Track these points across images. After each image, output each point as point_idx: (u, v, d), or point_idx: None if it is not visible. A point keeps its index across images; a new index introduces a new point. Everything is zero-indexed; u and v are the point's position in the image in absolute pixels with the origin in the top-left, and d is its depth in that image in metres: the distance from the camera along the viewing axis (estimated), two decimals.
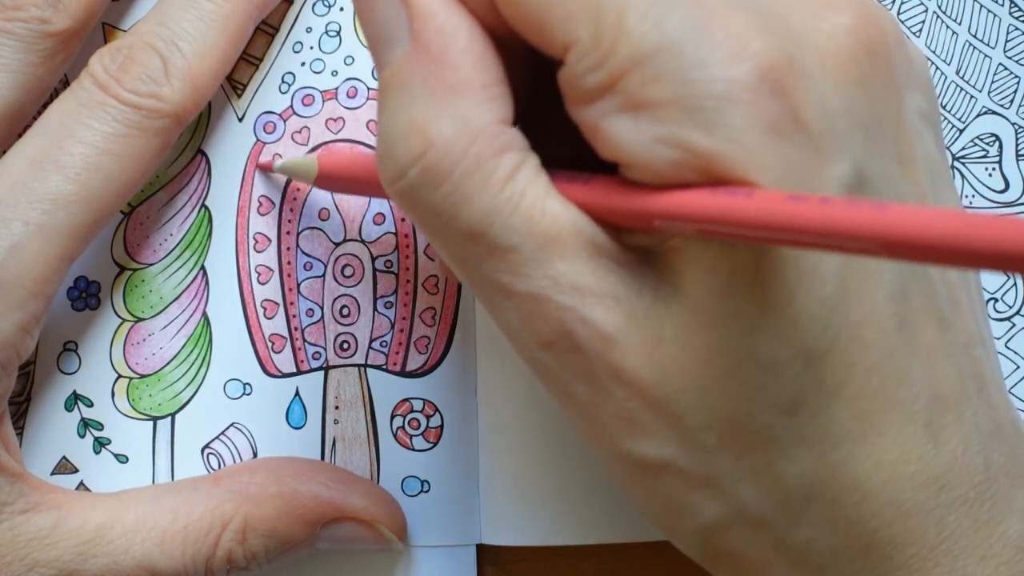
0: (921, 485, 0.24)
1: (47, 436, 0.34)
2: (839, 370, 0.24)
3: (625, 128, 0.23)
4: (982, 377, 0.26)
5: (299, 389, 0.34)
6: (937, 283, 0.26)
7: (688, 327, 0.24)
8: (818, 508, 0.24)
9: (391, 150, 0.24)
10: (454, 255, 0.25)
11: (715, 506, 0.25)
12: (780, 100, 0.23)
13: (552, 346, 0.24)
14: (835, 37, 0.24)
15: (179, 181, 0.35)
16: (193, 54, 0.32)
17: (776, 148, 0.23)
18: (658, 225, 0.23)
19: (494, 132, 0.24)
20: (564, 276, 0.24)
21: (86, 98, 0.31)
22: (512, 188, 0.24)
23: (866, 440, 0.24)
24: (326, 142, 0.35)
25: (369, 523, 0.33)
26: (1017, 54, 0.36)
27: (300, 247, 0.35)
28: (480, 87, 0.24)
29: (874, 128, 0.24)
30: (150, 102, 0.31)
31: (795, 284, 0.23)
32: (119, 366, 0.34)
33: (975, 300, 0.27)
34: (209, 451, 0.34)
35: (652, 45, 0.23)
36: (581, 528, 0.34)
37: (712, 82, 0.22)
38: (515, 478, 0.34)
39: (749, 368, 0.24)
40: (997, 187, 0.36)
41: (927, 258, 0.19)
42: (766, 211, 0.21)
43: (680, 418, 0.24)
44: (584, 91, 0.24)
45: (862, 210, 0.20)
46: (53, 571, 0.30)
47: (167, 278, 0.34)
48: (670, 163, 0.23)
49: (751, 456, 0.24)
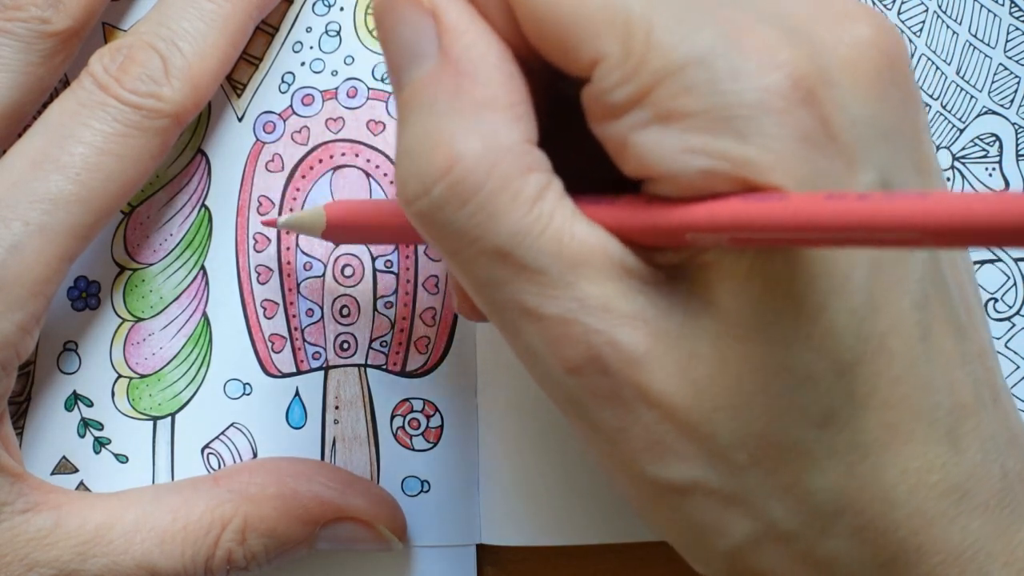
0: (944, 493, 0.24)
1: (47, 436, 0.34)
2: (868, 380, 0.24)
3: (655, 139, 0.23)
4: (995, 386, 0.26)
5: (299, 389, 0.34)
6: (954, 292, 0.26)
7: (721, 341, 0.24)
8: (847, 520, 0.24)
9: (415, 165, 0.24)
10: (478, 277, 0.24)
11: (745, 524, 0.24)
12: (811, 109, 0.23)
13: (579, 371, 0.24)
14: (858, 48, 0.24)
15: (179, 181, 0.35)
16: (193, 54, 0.31)
17: (808, 157, 0.23)
18: (690, 239, 0.23)
19: (522, 151, 0.24)
20: (593, 298, 0.24)
21: (86, 98, 0.31)
22: (540, 208, 0.24)
23: (892, 449, 0.24)
24: (326, 142, 0.35)
25: (369, 523, 0.33)
26: (1017, 54, 0.36)
27: (300, 247, 0.35)
28: (509, 105, 0.24)
29: (895, 138, 0.25)
30: (150, 102, 0.31)
31: (828, 294, 0.23)
32: (119, 366, 0.34)
33: (982, 309, 0.28)
34: (209, 451, 0.34)
35: (682, 57, 0.23)
36: (581, 528, 0.34)
37: (745, 92, 0.23)
38: (515, 478, 0.34)
39: (783, 381, 0.24)
40: (997, 187, 0.36)
41: (971, 240, 0.19)
42: (805, 211, 0.21)
43: (712, 437, 0.24)
44: (612, 105, 0.24)
45: (904, 200, 0.20)
46: (53, 571, 0.30)
47: (167, 278, 0.34)
48: (702, 173, 0.23)
49: (782, 471, 0.24)
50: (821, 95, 0.23)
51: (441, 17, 0.24)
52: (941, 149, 0.36)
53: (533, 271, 0.24)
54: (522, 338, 0.24)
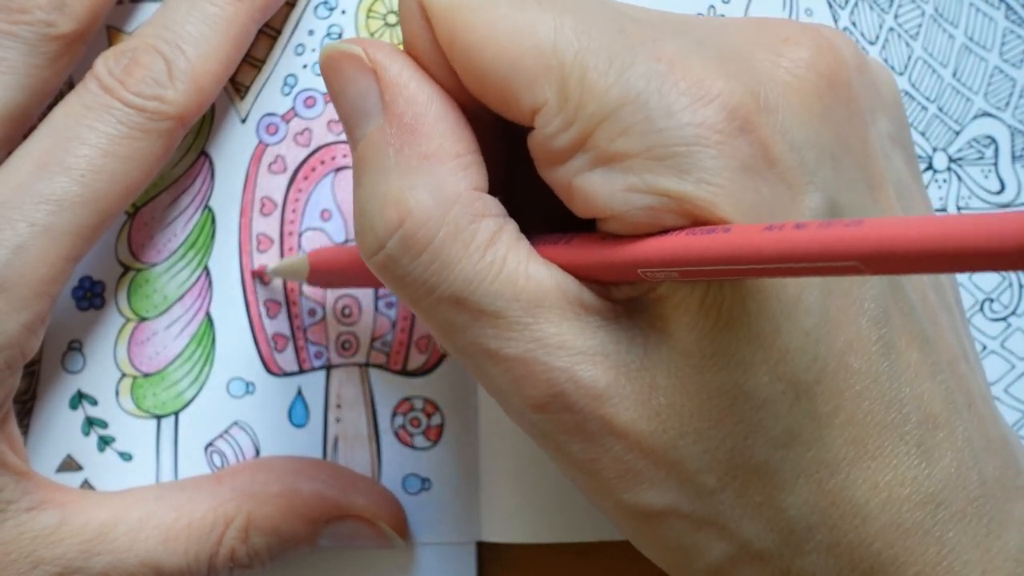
0: (918, 504, 0.24)
1: (52, 434, 0.34)
2: (829, 399, 0.24)
3: (599, 182, 0.23)
4: (969, 392, 0.26)
5: (301, 388, 0.35)
6: (916, 304, 0.26)
7: (680, 371, 0.24)
8: (820, 536, 0.24)
9: (369, 222, 0.24)
10: (440, 324, 0.25)
11: (720, 545, 0.25)
12: (749, 137, 0.23)
13: (544, 408, 0.24)
14: (795, 72, 0.25)
15: (183, 182, 0.35)
16: (196, 57, 0.32)
17: (749, 185, 0.23)
18: (642, 274, 0.24)
19: (471, 198, 0.24)
20: (551, 337, 0.24)
21: (91, 100, 0.31)
22: (493, 253, 0.24)
23: (861, 464, 0.24)
24: (328, 144, 0.35)
25: (371, 521, 0.33)
26: (1013, 57, 0.36)
27: (302, 248, 0.35)
28: (454, 156, 0.24)
29: (842, 157, 0.25)
30: (154, 104, 0.31)
31: (780, 317, 0.24)
32: (123, 365, 0.34)
33: (955, 315, 0.28)
34: (212, 449, 0.34)
35: (617, 99, 0.23)
36: (581, 525, 0.34)
37: (680, 128, 0.23)
38: (515, 476, 0.34)
39: (743, 405, 0.24)
40: (993, 189, 0.36)
41: (906, 267, 0.19)
42: (745, 243, 0.21)
43: (679, 464, 0.24)
44: (555, 152, 0.24)
45: (836, 228, 0.20)
46: (57, 568, 0.30)
47: (171, 278, 0.35)
48: (646, 210, 0.23)
49: (752, 492, 0.24)
50: (758, 122, 0.23)
51: (382, 74, 0.25)
52: (937, 151, 0.36)
53: (490, 314, 0.24)
54: (488, 379, 0.25)
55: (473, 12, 0.24)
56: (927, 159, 0.36)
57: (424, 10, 0.25)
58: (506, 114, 0.25)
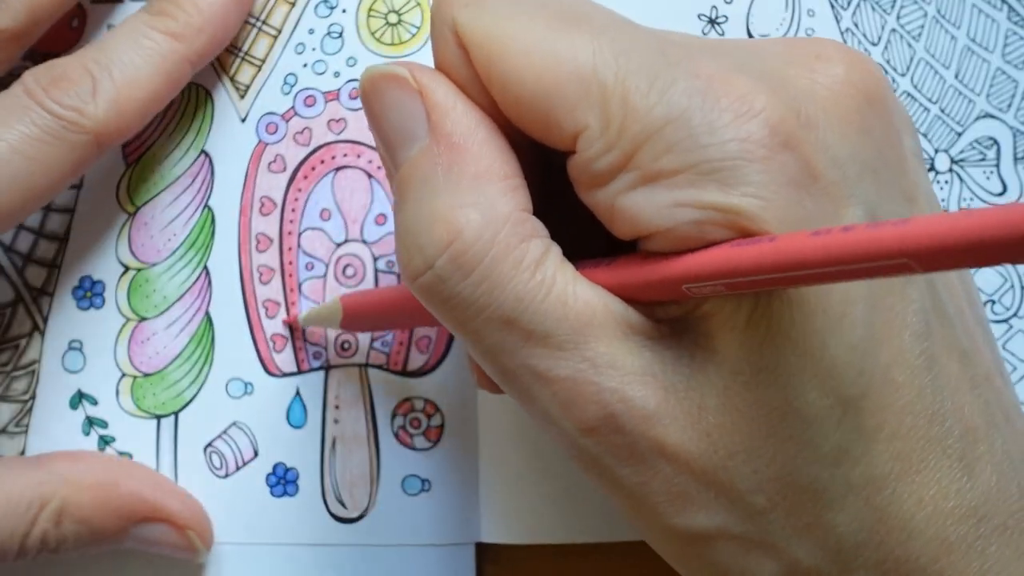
0: (961, 519, 0.24)
1: (52, 434, 0.34)
2: (875, 413, 0.24)
3: (643, 201, 0.23)
4: (1006, 406, 0.26)
5: (300, 389, 0.35)
6: (955, 318, 0.26)
7: (729, 389, 0.24)
8: (868, 552, 0.24)
9: (416, 241, 0.24)
10: (487, 347, 0.25)
11: (770, 566, 0.25)
12: (793, 153, 0.23)
13: (595, 431, 0.24)
14: (833, 88, 0.25)
15: (182, 182, 0.35)
16: (123, 82, 0.31)
17: (795, 199, 0.23)
18: (687, 290, 0.23)
19: (520, 219, 0.24)
20: (601, 357, 0.24)
21: (11, 102, 0.31)
22: (543, 273, 0.24)
23: (906, 479, 0.24)
24: (328, 143, 0.35)
25: (181, 528, 0.33)
26: (1015, 58, 0.36)
27: (302, 247, 0.35)
28: (503, 176, 0.24)
29: (881, 170, 0.25)
30: (72, 115, 0.31)
31: (827, 332, 0.23)
32: (123, 365, 0.34)
33: (987, 330, 0.28)
34: (211, 449, 0.34)
35: (660, 118, 0.23)
36: (581, 526, 0.34)
37: (725, 144, 0.23)
38: (515, 477, 0.34)
39: (793, 422, 0.24)
40: (995, 190, 0.36)
41: (956, 261, 0.19)
42: (793, 249, 0.21)
43: (729, 484, 0.24)
44: (597, 174, 0.24)
45: (886, 227, 0.20)
46: None
47: (171, 278, 0.35)
48: (694, 224, 0.23)
49: (801, 511, 0.24)
50: (801, 138, 0.23)
51: (428, 96, 0.25)
52: (939, 152, 0.36)
53: (540, 335, 0.24)
54: (536, 403, 0.25)
55: (511, 39, 0.24)
56: (929, 160, 0.36)
57: (458, 36, 0.25)
58: (545, 140, 0.25)
